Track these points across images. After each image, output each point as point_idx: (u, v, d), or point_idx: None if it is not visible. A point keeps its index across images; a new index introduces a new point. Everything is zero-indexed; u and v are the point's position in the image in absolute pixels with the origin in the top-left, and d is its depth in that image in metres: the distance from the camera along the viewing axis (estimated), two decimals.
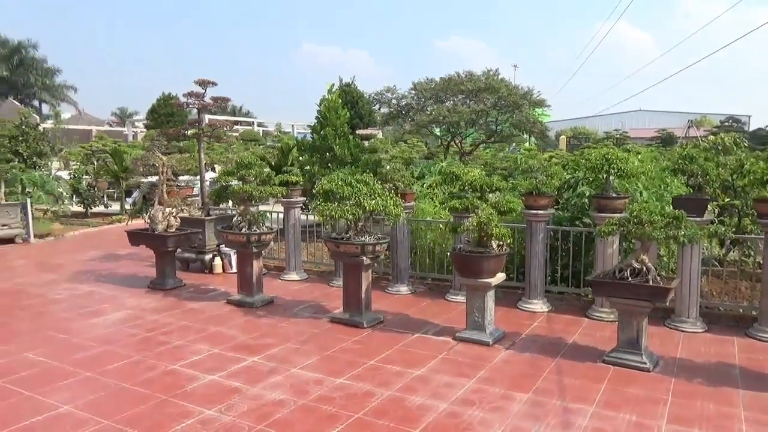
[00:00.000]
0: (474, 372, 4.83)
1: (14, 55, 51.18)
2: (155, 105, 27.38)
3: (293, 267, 8.47)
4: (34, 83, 51.77)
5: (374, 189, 6.12)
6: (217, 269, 8.82)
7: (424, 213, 8.48)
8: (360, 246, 5.85)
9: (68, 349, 5.37)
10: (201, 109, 8.72)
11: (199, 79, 8.48)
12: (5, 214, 11.42)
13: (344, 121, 11.79)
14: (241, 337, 5.74)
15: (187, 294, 7.52)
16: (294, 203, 8.35)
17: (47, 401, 4.22)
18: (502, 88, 17.19)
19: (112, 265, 9.40)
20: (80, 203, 16.07)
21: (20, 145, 14.95)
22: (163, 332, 5.89)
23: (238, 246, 6.89)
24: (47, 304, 7.00)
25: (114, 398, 4.30)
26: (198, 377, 4.69)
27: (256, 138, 35.52)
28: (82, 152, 20.00)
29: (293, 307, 6.88)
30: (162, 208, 7.68)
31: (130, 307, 6.89)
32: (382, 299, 7.15)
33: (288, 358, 5.16)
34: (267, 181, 7.01)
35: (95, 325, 6.18)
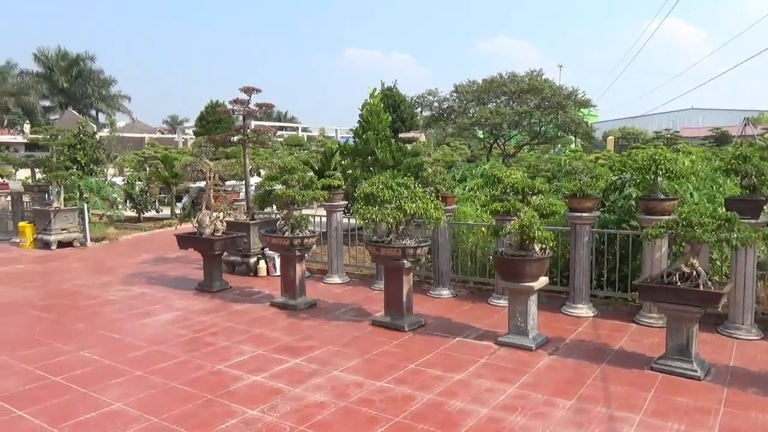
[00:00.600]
0: (516, 377, 4.77)
1: (73, 67, 53.70)
2: (203, 112, 28.14)
3: (335, 270, 8.56)
4: (91, 94, 54.15)
5: (415, 192, 6.13)
6: (262, 272, 9.00)
7: (465, 216, 8.42)
8: (401, 249, 5.86)
9: (121, 349, 5.59)
10: (246, 115, 8.94)
11: (244, 86, 8.69)
12: (64, 219, 11.99)
13: (386, 124, 11.84)
14: (284, 339, 5.85)
15: (232, 296, 7.70)
16: (336, 207, 8.44)
17: (100, 398, 4.41)
18: (546, 89, 16.90)
19: (162, 268, 9.73)
20: (133, 208, 16.69)
21: (78, 153, 15.64)
22: (210, 333, 6.06)
23: (281, 249, 7.02)
24: (102, 305, 7.31)
25: (162, 397, 4.46)
26: (242, 378, 4.80)
27: (300, 143, 36.08)
28: (135, 159, 20.77)
29: (335, 310, 6.96)
30: (209, 213, 7.90)
31: (179, 308, 7.12)
32: (424, 303, 7.14)
33: (330, 360, 5.22)
34: (310, 185, 7.12)
35: (146, 326, 6.41)
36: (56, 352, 5.52)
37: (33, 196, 13.48)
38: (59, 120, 47.30)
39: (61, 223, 11.93)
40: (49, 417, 4.08)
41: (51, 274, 9.48)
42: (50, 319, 6.77)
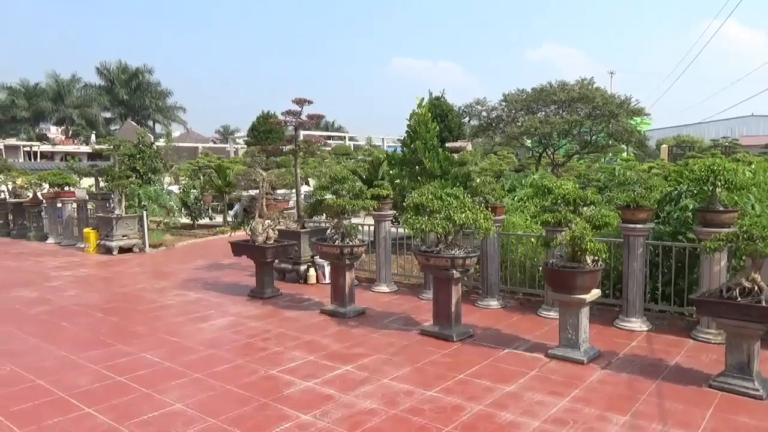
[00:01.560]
0: (567, 391, 4.72)
1: (133, 80, 56.15)
2: (255, 123, 29.00)
3: (384, 279, 8.65)
4: (148, 105, 56.48)
5: (464, 202, 6.16)
6: (311, 279, 9.19)
7: (514, 226, 8.37)
8: (450, 259, 5.90)
9: (179, 352, 5.83)
10: (298, 126, 9.17)
11: (296, 98, 8.94)
12: (125, 226, 12.56)
13: (434, 134, 11.90)
14: (335, 346, 5.96)
15: (283, 303, 7.90)
16: (385, 216, 8.54)
17: (162, 399, 4.62)
18: (597, 98, 16.59)
19: (216, 274, 10.05)
20: (188, 215, 17.30)
21: (137, 162, 16.36)
22: (263, 339, 6.24)
23: (331, 258, 7.17)
24: (161, 309, 7.63)
25: (219, 399, 4.63)
26: (295, 383, 4.93)
27: (347, 152, 36.57)
28: (190, 168, 21.57)
29: (384, 318, 7.04)
30: (262, 221, 8.14)
31: (233, 314, 7.35)
32: (472, 313, 7.14)
33: (379, 368, 5.29)
34: (359, 194, 7.25)
35: (202, 330, 6.66)
36: (120, 353, 5.81)
37: (97, 203, 14.18)
38: (119, 130, 49.46)
39: (123, 230, 12.50)
40: (116, 414, 4.31)
41: (113, 279, 9.95)
42: (113, 321, 7.12)
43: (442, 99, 17.92)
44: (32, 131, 53.21)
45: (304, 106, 9.10)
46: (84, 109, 53.90)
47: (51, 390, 4.80)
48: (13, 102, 51.89)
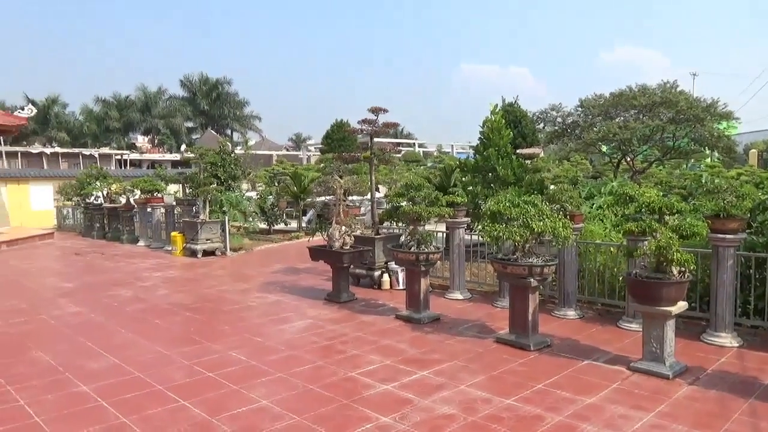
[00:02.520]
0: (652, 405, 4.57)
1: (213, 91, 58.98)
2: (329, 131, 29.74)
3: (457, 286, 8.66)
4: (227, 114, 59.11)
5: (542, 210, 6.10)
6: (385, 285, 9.34)
7: (593, 235, 8.17)
8: (527, 267, 5.86)
9: (263, 351, 6.11)
10: (373, 134, 9.37)
11: (372, 106, 9.15)
12: (208, 230, 13.24)
13: (507, 141, 11.80)
14: (411, 351, 6.05)
15: (359, 307, 8.08)
16: (459, 223, 8.57)
17: (249, 395, 4.87)
18: (681, 101, 15.85)
19: (293, 278, 10.41)
20: (265, 221, 17.97)
21: (219, 169, 17.20)
22: (341, 341, 6.43)
23: (407, 264, 7.27)
24: (244, 310, 8.01)
25: (302, 398, 4.83)
26: (373, 386, 5.06)
27: (417, 159, 36.77)
28: (266, 175, 22.37)
29: (458, 325, 7.06)
30: (339, 227, 8.38)
31: (311, 316, 7.61)
32: (549, 322, 7.03)
33: (456, 374, 5.33)
34: (435, 202, 7.32)
35: (283, 331, 6.94)
36: (208, 350, 6.16)
37: (183, 209, 15.03)
38: (200, 139, 52.13)
39: (206, 234, 13.18)
40: (208, 408, 4.59)
41: (198, 280, 10.52)
42: (201, 320, 7.54)
43: (515, 105, 17.67)
44: (122, 141, 56.98)
45: (379, 115, 9.30)
46: (169, 119, 57.15)
47: (149, 382, 5.17)
48: (106, 114, 55.83)
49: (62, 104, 55.61)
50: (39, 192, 24.53)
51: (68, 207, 21.84)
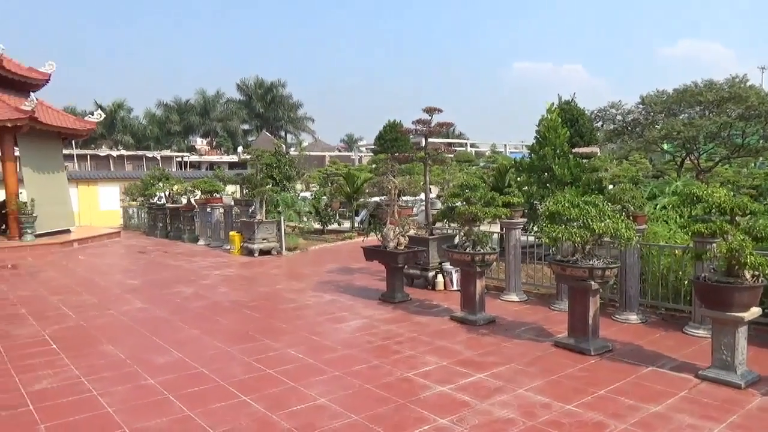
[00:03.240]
0: (723, 416, 4.36)
1: (268, 94, 60.42)
2: (382, 131, 29.90)
3: (513, 288, 8.53)
4: (281, 117, 60.39)
5: (603, 211, 5.92)
6: (439, 286, 9.29)
7: (656, 237, 7.87)
8: (588, 270, 5.70)
9: (319, 350, 6.19)
10: (428, 134, 9.35)
11: (426, 106, 9.13)
12: (265, 230, 13.55)
13: (564, 140, 11.54)
14: (466, 353, 6.00)
15: (413, 308, 8.07)
16: (515, 224, 8.43)
17: (307, 392, 4.94)
18: (752, 97, 15.02)
19: (347, 278, 10.51)
20: (318, 221, 18.23)
21: (274, 170, 17.58)
22: (396, 342, 6.44)
23: (462, 265, 7.21)
24: (300, 309, 8.15)
25: (359, 397, 4.87)
26: (430, 387, 5.04)
27: (469, 159, 36.40)
28: (319, 176, 22.71)
29: (515, 328, 6.95)
30: (393, 227, 8.40)
31: (366, 316, 7.66)
32: (609, 327, 6.82)
33: (513, 378, 5.25)
34: (491, 202, 7.23)
35: (338, 330, 7.02)
36: (267, 347, 6.30)
37: (240, 209, 15.44)
38: (255, 141, 53.47)
39: (263, 234, 13.50)
40: (268, 404, 4.70)
41: (256, 279, 10.78)
42: (259, 318, 7.73)
43: (572, 103, 17.23)
44: (183, 143, 59.15)
45: (433, 115, 9.26)
46: (226, 122, 58.97)
47: (212, 377, 5.33)
48: (168, 117, 58.16)
49: (127, 109, 58.28)
50: (107, 193, 25.81)
51: (133, 207, 22.85)
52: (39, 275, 11.63)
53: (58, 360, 5.91)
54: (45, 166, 17.56)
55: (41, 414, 4.54)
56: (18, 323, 7.51)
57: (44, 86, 18.12)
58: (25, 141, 16.53)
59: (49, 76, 17.82)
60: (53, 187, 17.87)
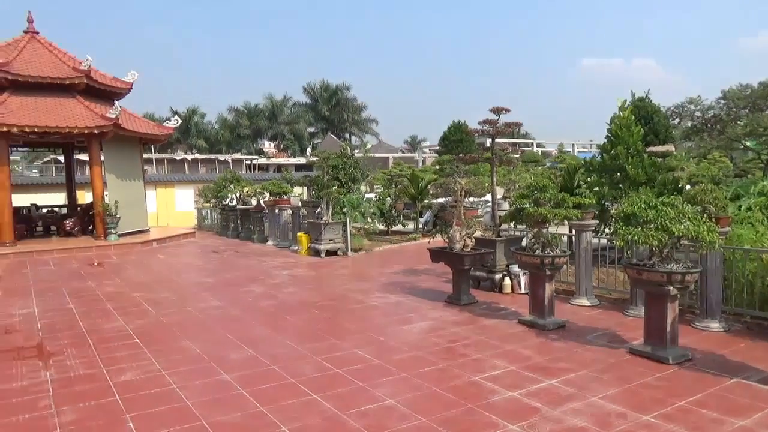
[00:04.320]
0: None
1: (333, 97, 61.51)
2: (446, 132, 29.77)
3: (584, 292, 8.27)
4: (346, 119, 61.33)
5: (683, 212, 5.64)
6: (506, 289, 9.14)
7: (741, 240, 7.41)
8: (666, 275, 5.44)
9: (386, 351, 6.24)
10: (495, 135, 9.22)
11: (493, 107, 9.01)
12: (331, 231, 13.79)
13: (637, 138, 11.08)
14: (536, 358, 5.87)
15: (480, 311, 7.99)
16: (586, 226, 8.18)
17: (376, 393, 4.99)
18: None
19: (413, 279, 10.53)
20: (383, 222, 18.36)
21: (339, 172, 17.86)
22: (463, 344, 6.39)
23: (531, 267, 7.07)
24: (366, 310, 8.24)
25: (427, 399, 4.86)
26: (498, 391, 4.97)
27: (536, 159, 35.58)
28: (384, 177, 22.85)
29: (586, 333, 6.73)
30: (459, 229, 8.34)
31: (432, 318, 7.64)
32: (688, 334, 6.48)
33: (586, 385, 5.09)
34: (561, 203, 7.05)
35: (405, 332, 7.04)
36: (335, 347, 6.41)
37: (308, 210, 15.79)
38: (321, 143, 54.53)
39: (329, 234, 13.74)
40: (337, 403, 4.78)
41: (323, 279, 10.99)
42: (327, 317, 7.87)
43: (646, 100, 16.49)
44: (252, 146, 61.15)
45: (501, 115, 9.13)
46: (293, 125, 60.49)
47: (283, 375, 5.48)
48: (238, 122, 60.31)
49: (201, 114, 60.92)
50: (182, 194, 27.09)
51: (207, 208, 23.84)
52: (122, 273, 12.34)
53: (141, 354, 6.26)
54: (126, 170, 18.63)
55: (126, 404, 4.82)
56: (105, 318, 8.01)
57: (127, 95, 19.25)
58: (109, 146, 17.60)
59: (131, 84, 18.91)
60: (133, 190, 18.94)
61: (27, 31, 18.28)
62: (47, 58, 17.55)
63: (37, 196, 22.03)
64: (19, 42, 17.76)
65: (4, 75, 16.00)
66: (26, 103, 16.30)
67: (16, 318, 8.17)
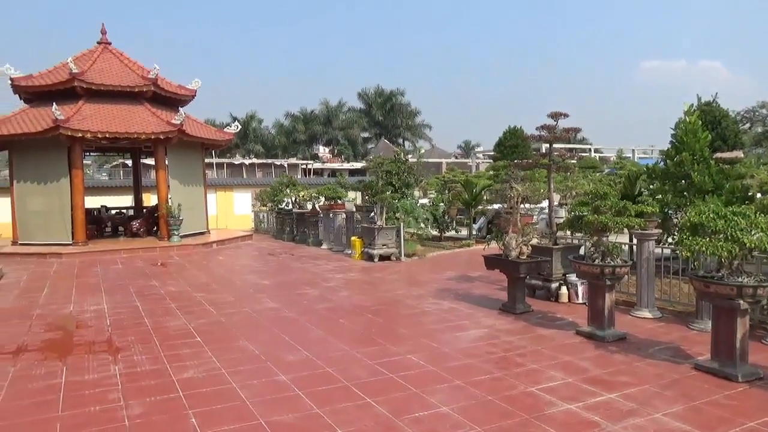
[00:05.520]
0: None
1: (387, 103, 61.90)
2: (501, 138, 29.40)
3: (645, 303, 7.99)
4: (399, 124, 61.56)
5: (756, 222, 5.37)
6: (563, 298, 8.94)
7: None
8: (737, 288, 5.19)
9: (439, 357, 6.22)
10: (553, 140, 9.06)
11: (551, 111, 8.86)
12: (385, 236, 13.87)
13: (704, 144, 10.62)
14: (595, 371, 5.71)
15: (535, 320, 7.84)
16: (649, 235, 7.90)
17: (430, 400, 4.99)
18: None
19: (466, 286, 10.45)
20: (436, 228, 18.30)
21: (393, 177, 17.93)
22: (518, 354, 6.30)
23: (590, 277, 6.89)
24: (420, 315, 8.24)
25: (482, 408, 4.82)
26: (555, 403, 4.87)
27: (593, 165, 34.58)
28: (437, 182, 22.78)
29: (648, 347, 6.50)
30: (516, 236, 8.22)
31: (486, 326, 7.56)
32: (759, 352, 6.16)
33: (648, 401, 4.91)
34: (622, 211, 6.84)
35: (458, 339, 7.00)
36: (388, 352, 6.44)
37: (361, 215, 15.94)
38: (375, 148, 54.95)
39: (383, 239, 13.82)
40: (391, 408, 4.80)
41: (376, 284, 11.06)
42: (380, 322, 7.92)
43: (713, 104, 15.77)
44: (307, 151, 62.30)
45: (559, 120, 8.96)
46: (347, 130, 61.24)
47: (338, 378, 5.56)
48: (294, 127, 61.64)
49: (258, 120, 62.56)
50: (241, 198, 27.89)
51: (263, 212, 24.43)
52: (184, 273, 12.82)
53: (203, 352, 6.49)
54: (189, 174, 19.37)
55: (189, 401, 5.01)
56: (169, 316, 8.35)
57: (191, 101, 20.02)
58: (173, 151, 18.35)
59: (195, 92, 19.67)
60: (195, 193, 19.66)
61: (100, 42, 19.35)
62: (118, 68, 18.50)
63: (106, 198, 23.17)
64: (93, 53, 18.81)
65: (80, 84, 16.97)
66: (99, 110, 17.22)
67: (87, 314, 8.64)
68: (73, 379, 5.64)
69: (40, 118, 16.64)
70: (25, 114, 17.24)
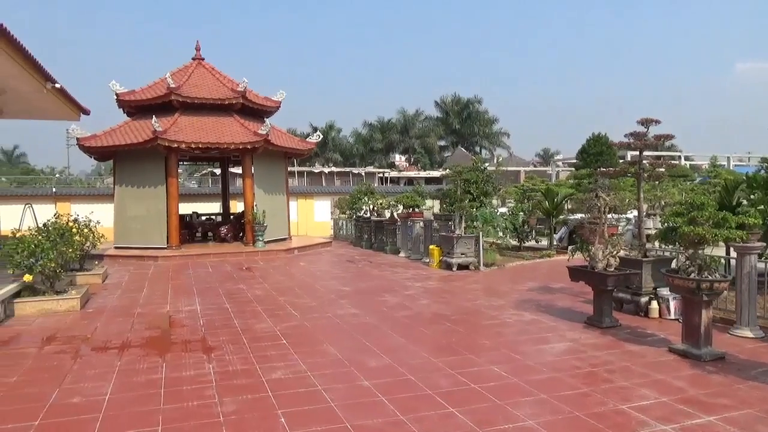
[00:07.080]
0: None
1: (464, 111, 61.56)
2: (585, 145, 28.44)
3: (746, 322, 7.47)
4: (476, 132, 61.01)
5: None
6: (653, 313, 8.53)
7: None
8: None
9: (523, 370, 6.11)
10: (643, 148, 8.69)
11: (642, 118, 8.51)
12: (463, 245, 13.78)
13: None
14: (691, 391, 5.41)
15: (623, 335, 7.53)
16: (750, 249, 7.39)
17: (513, 412, 4.92)
18: None
19: (548, 297, 10.19)
20: (515, 237, 17.96)
21: (472, 186, 17.79)
22: (606, 370, 6.08)
23: (684, 292, 6.54)
24: (501, 326, 8.13)
25: (569, 424, 4.69)
26: (648, 423, 4.66)
27: (684, 173, 32.69)
28: (516, 191, 22.36)
29: (750, 368, 6.08)
30: (602, 247, 7.95)
31: (570, 339, 7.35)
32: None
33: (752, 426, 4.60)
34: (722, 223, 6.46)
35: (542, 351, 6.84)
36: (470, 362, 6.41)
37: (440, 223, 15.92)
38: (451, 157, 54.71)
39: (461, 248, 13.74)
40: (475, 418, 4.78)
41: (455, 293, 11.01)
42: (461, 331, 7.88)
43: None
44: (384, 160, 62.99)
45: (650, 126, 8.59)
46: (424, 139, 61.40)
47: (420, 386, 5.60)
48: (371, 136, 62.53)
49: (337, 129, 63.99)
50: (321, 206, 28.64)
51: (342, 219, 24.95)
52: (268, 277, 13.33)
53: (289, 354, 6.73)
54: (273, 182, 20.15)
55: (278, 401, 5.22)
56: (256, 318, 8.72)
57: (275, 113, 20.85)
58: (258, 160, 19.17)
59: (279, 103, 20.48)
60: (278, 200, 20.41)
61: (195, 58, 20.58)
62: (210, 82, 19.59)
63: (196, 205, 24.48)
64: (188, 68, 20.04)
65: (177, 97, 18.13)
66: (192, 122, 18.30)
67: (182, 314, 9.19)
68: (173, 375, 6.02)
69: (140, 129, 17.92)
70: (127, 126, 18.64)
